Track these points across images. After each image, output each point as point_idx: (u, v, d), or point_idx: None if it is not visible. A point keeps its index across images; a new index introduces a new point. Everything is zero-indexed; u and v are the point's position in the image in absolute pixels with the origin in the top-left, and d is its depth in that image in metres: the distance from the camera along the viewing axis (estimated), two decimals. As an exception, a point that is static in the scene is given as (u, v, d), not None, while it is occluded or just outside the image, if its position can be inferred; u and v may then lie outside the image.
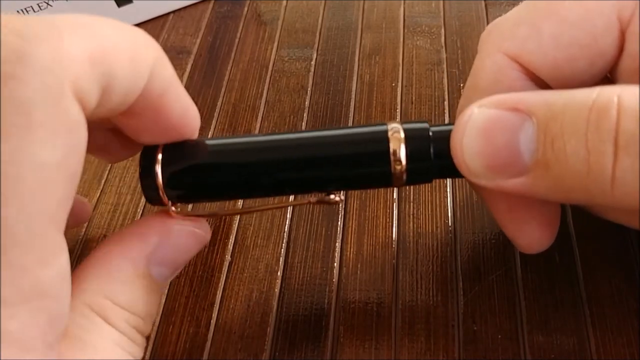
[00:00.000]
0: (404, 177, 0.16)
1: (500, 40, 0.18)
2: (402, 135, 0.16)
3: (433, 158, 0.16)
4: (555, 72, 0.17)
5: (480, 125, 0.15)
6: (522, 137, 0.15)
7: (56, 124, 0.12)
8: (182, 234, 0.17)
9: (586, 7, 0.17)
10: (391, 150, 0.16)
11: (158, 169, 0.16)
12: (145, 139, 0.17)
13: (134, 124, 0.16)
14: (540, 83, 0.18)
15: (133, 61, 0.14)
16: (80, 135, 0.13)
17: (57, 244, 0.13)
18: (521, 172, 0.15)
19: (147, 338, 0.17)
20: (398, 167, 0.16)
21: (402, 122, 0.17)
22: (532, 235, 0.18)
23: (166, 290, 0.22)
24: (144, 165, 0.17)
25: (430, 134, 0.17)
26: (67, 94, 0.12)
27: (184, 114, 0.16)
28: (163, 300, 0.21)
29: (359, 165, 0.17)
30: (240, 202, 0.23)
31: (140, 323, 0.16)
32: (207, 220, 0.19)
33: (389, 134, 0.16)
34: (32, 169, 0.11)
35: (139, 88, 0.14)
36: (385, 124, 0.17)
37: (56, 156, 0.12)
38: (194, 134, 0.17)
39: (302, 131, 0.17)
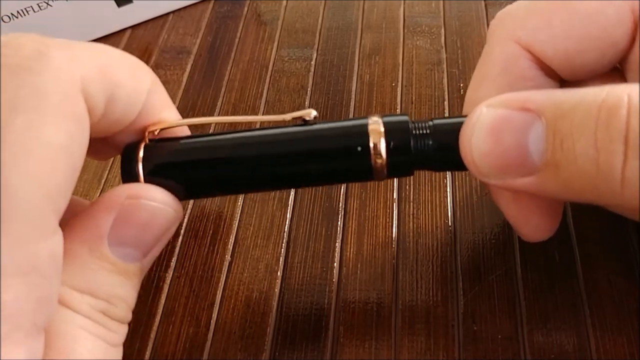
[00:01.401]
0: (385, 170, 0.16)
1: (512, 28, 0.18)
2: (382, 128, 0.16)
3: (413, 151, 0.16)
4: (566, 62, 0.17)
5: (488, 125, 0.15)
6: (531, 137, 0.15)
7: (64, 112, 0.13)
8: (137, 208, 0.15)
9: None
10: (371, 144, 0.16)
11: (139, 167, 0.16)
12: (129, 140, 0.17)
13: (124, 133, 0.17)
14: (550, 72, 0.18)
15: (134, 78, 0.16)
16: (84, 129, 0.14)
17: (53, 225, 0.13)
18: (530, 171, 0.15)
19: (131, 326, 0.16)
20: (379, 161, 0.16)
21: (382, 115, 0.17)
22: (535, 225, 0.18)
23: (166, 289, 0.22)
24: (125, 164, 0.17)
25: (410, 126, 0.17)
26: (76, 90, 0.13)
27: (176, 128, 0.18)
28: (163, 300, 0.21)
29: (340, 159, 0.17)
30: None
31: (108, 307, 0.15)
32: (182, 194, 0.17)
33: (369, 127, 0.16)
34: (39, 146, 0.12)
35: (139, 102, 0.16)
36: (366, 117, 0.17)
37: (61, 139, 0.13)
38: None
39: (284, 126, 0.17)
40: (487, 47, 0.18)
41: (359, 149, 0.16)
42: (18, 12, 0.30)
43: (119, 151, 0.18)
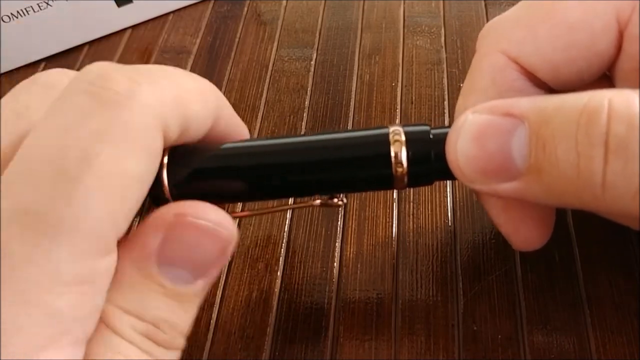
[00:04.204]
0: (405, 179, 0.17)
1: (499, 40, 0.18)
2: (403, 138, 0.16)
3: (434, 160, 0.17)
4: (554, 72, 0.17)
5: (473, 130, 0.15)
6: (514, 141, 0.15)
7: (145, 147, 0.14)
8: (191, 228, 0.15)
9: (584, 9, 0.17)
10: (392, 153, 0.16)
11: (164, 172, 0.16)
12: None
13: None
14: (539, 83, 0.18)
15: (204, 105, 0.17)
16: (157, 162, 0.15)
17: (112, 245, 0.14)
18: (514, 176, 0.15)
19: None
20: (399, 170, 0.16)
21: (403, 124, 0.17)
22: (527, 234, 0.18)
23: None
24: None
25: (431, 136, 0.17)
26: (158, 129, 0.14)
27: (239, 134, 0.19)
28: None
29: (361, 168, 0.17)
30: (239, 205, 0.23)
31: (153, 331, 0.15)
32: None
33: (390, 137, 0.16)
34: (119, 175, 0.13)
35: (208, 125, 0.17)
36: (387, 127, 0.17)
37: (138, 171, 0.14)
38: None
39: (305, 135, 0.17)
40: (475, 58, 0.19)
41: (381, 158, 0.16)
42: (18, 12, 0.30)
43: None
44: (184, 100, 0.16)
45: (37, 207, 0.12)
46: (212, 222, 0.15)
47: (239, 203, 0.24)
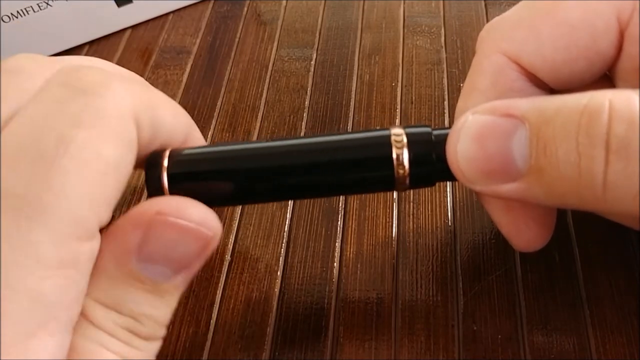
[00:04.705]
0: (407, 181, 0.17)
1: (499, 41, 0.18)
2: (405, 140, 0.16)
3: (435, 162, 0.17)
4: (554, 72, 0.17)
5: (473, 131, 0.15)
6: (515, 142, 0.15)
7: (120, 134, 0.14)
8: (171, 227, 0.15)
9: (585, 9, 0.17)
10: (394, 155, 0.16)
11: (164, 176, 0.16)
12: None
13: None
14: (539, 83, 0.18)
15: (175, 118, 0.17)
16: (133, 152, 0.15)
17: (94, 230, 0.14)
18: (515, 177, 0.15)
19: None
20: (401, 172, 0.16)
21: (404, 126, 0.17)
22: (528, 235, 0.18)
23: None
24: (149, 172, 0.17)
25: (433, 137, 0.17)
26: (130, 117, 0.15)
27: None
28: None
29: (362, 170, 0.17)
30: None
31: (134, 325, 0.15)
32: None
33: (392, 138, 0.16)
34: (96, 159, 0.14)
35: (177, 142, 0.17)
36: (388, 128, 0.17)
37: (114, 157, 0.14)
38: None
39: (305, 137, 0.17)
40: (476, 58, 0.19)
41: (382, 160, 0.16)
42: (18, 12, 0.30)
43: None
44: (154, 105, 0.16)
45: (16, 190, 0.13)
46: (194, 220, 0.15)
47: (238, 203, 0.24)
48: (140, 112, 0.15)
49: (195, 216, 0.15)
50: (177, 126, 0.17)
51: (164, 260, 0.15)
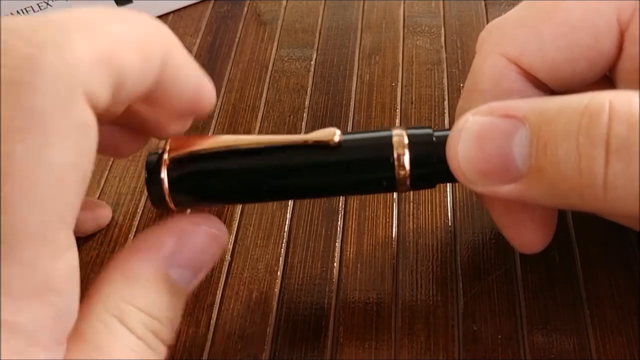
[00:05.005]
0: (408, 182, 0.17)
1: (500, 42, 0.18)
2: (406, 141, 0.16)
3: (436, 163, 0.16)
4: (555, 73, 0.17)
5: (474, 132, 0.15)
6: (515, 143, 0.15)
7: (68, 128, 0.12)
8: (197, 233, 0.17)
9: (586, 9, 0.17)
10: (395, 156, 0.16)
11: (164, 174, 0.16)
12: (160, 123, 0.18)
13: (146, 109, 0.17)
14: (540, 85, 0.18)
15: (143, 55, 0.14)
16: (91, 138, 0.13)
17: (67, 241, 0.13)
18: (515, 178, 0.15)
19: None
20: (402, 173, 0.16)
21: (406, 127, 0.17)
22: (529, 236, 0.18)
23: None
24: (149, 171, 0.17)
25: (434, 139, 0.17)
26: (78, 99, 0.12)
27: (198, 91, 0.17)
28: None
29: (364, 171, 0.17)
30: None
31: (159, 328, 0.15)
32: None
33: (393, 139, 0.16)
34: (46, 171, 0.12)
35: (149, 81, 0.15)
36: (389, 130, 0.17)
37: (68, 158, 0.12)
38: (210, 107, 0.17)
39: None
40: (476, 59, 0.19)
41: (384, 161, 0.16)
42: (18, 12, 0.30)
43: (140, 143, 0.19)
44: (115, 54, 0.13)
45: None
46: (217, 229, 0.17)
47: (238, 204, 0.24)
48: (90, 75, 0.13)
49: (217, 225, 0.17)
50: (146, 65, 0.14)
51: (191, 265, 0.16)
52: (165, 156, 0.17)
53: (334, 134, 0.16)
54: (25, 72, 0.12)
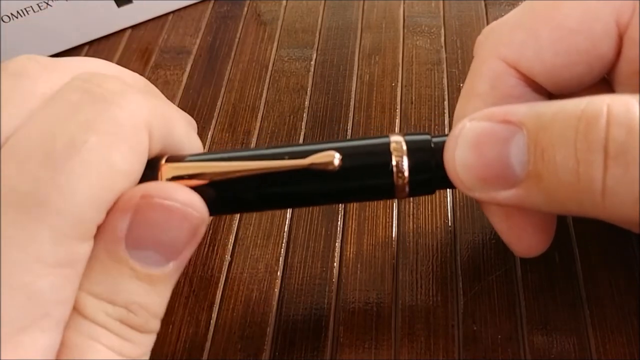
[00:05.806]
0: (407, 189, 0.16)
1: (498, 46, 0.18)
2: (405, 147, 0.16)
3: (435, 169, 0.16)
4: (554, 77, 0.17)
5: (471, 138, 0.15)
6: (512, 149, 0.15)
7: (132, 143, 0.14)
8: (158, 209, 0.14)
9: (584, 12, 0.16)
10: (394, 162, 0.16)
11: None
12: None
13: None
14: (538, 88, 0.18)
15: (186, 134, 0.18)
16: (142, 162, 0.15)
17: (92, 232, 0.14)
18: (513, 184, 0.15)
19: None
20: (400, 180, 0.16)
21: (404, 134, 0.17)
22: (528, 241, 0.18)
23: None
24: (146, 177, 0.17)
25: (432, 145, 0.17)
26: (144, 128, 0.15)
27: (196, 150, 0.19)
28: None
29: (361, 178, 0.17)
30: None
31: (127, 315, 0.14)
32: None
33: (391, 146, 0.16)
34: (106, 165, 0.14)
35: (183, 150, 0.18)
36: (387, 136, 0.17)
37: (124, 165, 0.14)
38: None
39: (303, 144, 0.17)
40: (474, 63, 0.19)
41: (382, 168, 0.16)
42: (18, 12, 0.30)
43: None
44: (168, 118, 0.16)
45: (22, 188, 0.13)
46: (179, 201, 0.15)
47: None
48: (154, 124, 0.15)
49: (180, 197, 0.15)
50: (186, 140, 0.18)
51: (153, 245, 0.15)
52: (163, 175, 0.17)
53: (333, 157, 0.16)
54: (115, 95, 0.15)
